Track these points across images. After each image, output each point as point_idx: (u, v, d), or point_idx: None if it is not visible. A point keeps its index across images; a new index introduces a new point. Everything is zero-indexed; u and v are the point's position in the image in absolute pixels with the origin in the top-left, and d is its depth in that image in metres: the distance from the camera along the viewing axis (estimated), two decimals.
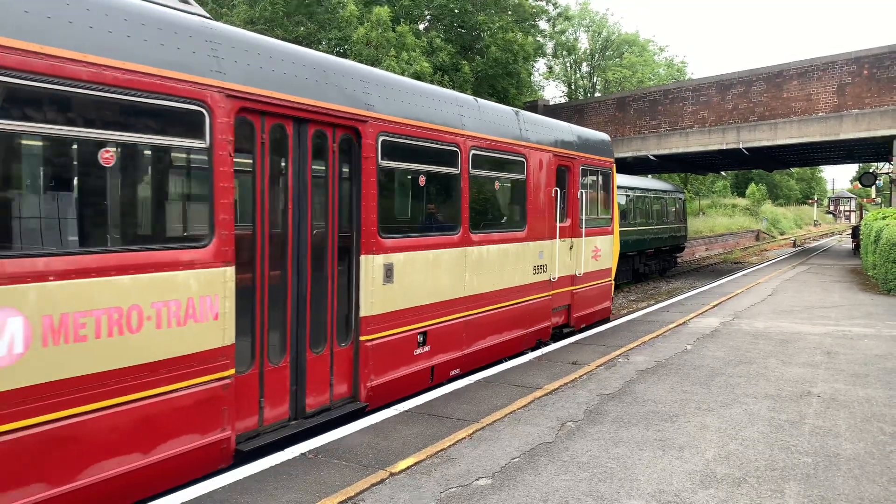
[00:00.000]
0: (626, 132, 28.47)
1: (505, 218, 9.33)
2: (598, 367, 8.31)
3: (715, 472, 4.93)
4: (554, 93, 67.40)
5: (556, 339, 10.33)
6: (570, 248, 10.64)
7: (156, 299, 4.53)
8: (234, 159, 5.07)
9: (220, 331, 4.96)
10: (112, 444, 4.30)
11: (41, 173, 4.46)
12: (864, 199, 55.35)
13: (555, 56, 48.17)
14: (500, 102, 21.77)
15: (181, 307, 4.70)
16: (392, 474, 4.87)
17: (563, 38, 46.30)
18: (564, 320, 10.74)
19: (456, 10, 29.32)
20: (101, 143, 4.32)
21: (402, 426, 5.98)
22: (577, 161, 10.75)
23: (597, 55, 54.04)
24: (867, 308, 13.56)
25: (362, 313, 6.40)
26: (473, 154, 8.07)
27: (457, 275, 7.80)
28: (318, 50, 12.22)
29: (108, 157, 4.35)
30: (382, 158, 6.58)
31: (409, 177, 7.39)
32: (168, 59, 4.63)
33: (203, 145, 4.90)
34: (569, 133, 10.79)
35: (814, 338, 10.28)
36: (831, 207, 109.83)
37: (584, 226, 10.95)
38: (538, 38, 34.44)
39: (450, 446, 5.46)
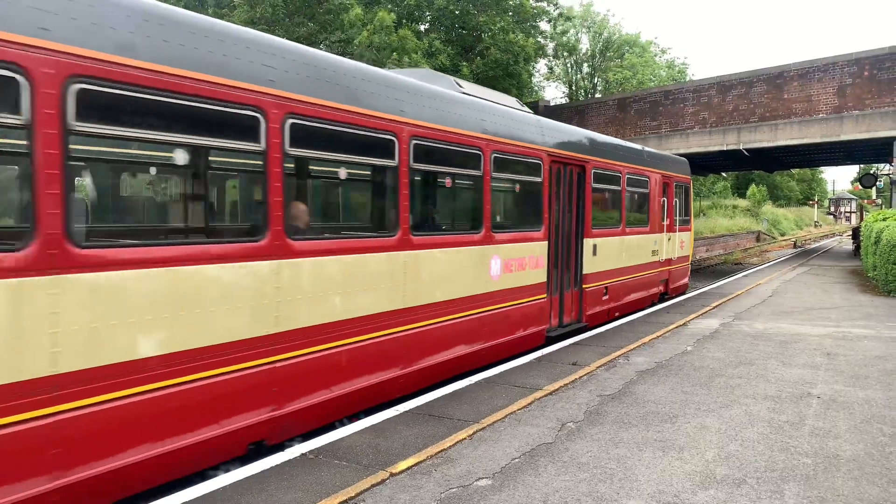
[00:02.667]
0: (627, 133, 28.48)
1: (639, 217, 13.66)
2: (598, 367, 8.32)
3: (715, 472, 4.94)
4: (554, 93, 67.33)
5: (661, 301, 15.03)
6: (669, 239, 15.28)
7: (529, 254, 9.18)
8: (549, 185, 9.67)
9: (544, 273, 9.62)
10: (507, 327, 8.82)
11: (518, 200, 9.88)
12: (865, 201, 55.29)
13: (555, 57, 48.13)
14: None
15: (533, 260, 9.32)
16: (392, 475, 4.88)
17: (564, 39, 46.30)
18: (664, 289, 15.35)
19: (457, 12, 29.32)
20: (513, 182, 9.39)
21: (402, 426, 5.99)
22: (672, 179, 15.37)
23: (597, 56, 54.01)
24: (867, 309, 13.57)
25: (584, 272, 11.00)
26: (628, 177, 12.66)
27: (619, 253, 12.41)
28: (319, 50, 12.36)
29: (518, 189, 9.59)
30: (594, 183, 11.12)
31: (601, 193, 11.77)
32: (531, 140, 9.28)
33: (539, 180, 9.50)
34: (669, 159, 15.87)
35: (814, 339, 10.29)
36: (832, 209, 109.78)
37: (676, 224, 15.74)
38: (539, 39, 34.42)
39: (450, 447, 5.47)
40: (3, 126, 3.91)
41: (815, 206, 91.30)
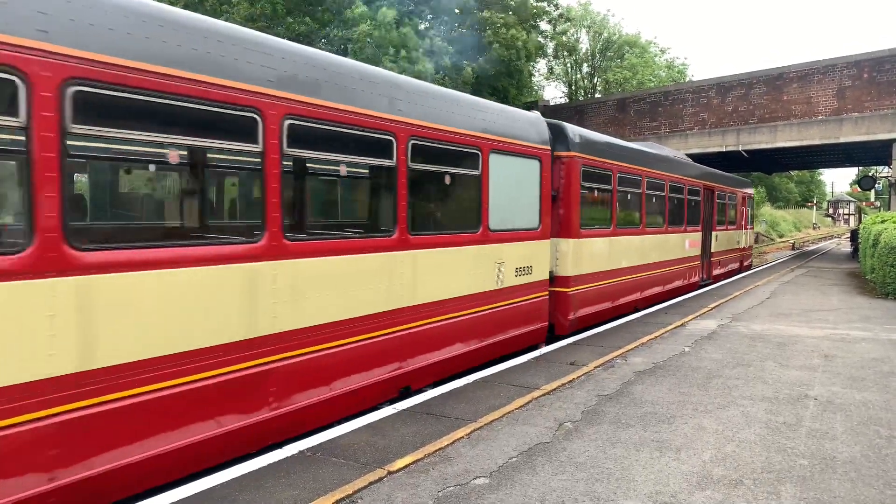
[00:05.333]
0: (626, 133, 28.49)
1: (732, 219, 21.87)
2: (596, 367, 8.33)
3: (712, 473, 4.95)
4: (554, 93, 67.21)
5: (738, 273, 22.93)
6: (744, 234, 23.78)
7: (696, 239, 17.71)
8: (703, 201, 18.23)
9: (698, 250, 17.81)
10: (688, 275, 17.14)
11: (694, 209, 17.67)
12: (863, 203, 55.34)
13: (555, 57, 48.02)
14: (500, 102, 21.78)
15: (697, 242, 17.82)
16: (390, 473, 4.89)
17: (564, 38, 46.22)
18: (740, 266, 23.52)
19: (456, 11, 29.26)
20: (693, 200, 17.26)
21: (400, 425, 6.00)
22: (746, 195, 23.67)
23: (597, 56, 53.97)
24: (865, 311, 13.60)
25: (711, 251, 19.17)
26: (727, 195, 20.56)
27: (724, 240, 20.66)
28: (318, 48, 12.28)
29: (694, 203, 17.46)
30: (716, 199, 19.34)
31: (718, 205, 19.52)
32: (697, 177, 17.76)
33: (699, 199, 17.69)
34: (744, 182, 23.89)
35: (811, 341, 10.31)
36: (830, 210, 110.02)
37: (748, 224, 24.47)
38: (539, 39, 34.37)
39: (448, 445, 5.48)
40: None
41: (814, 207, 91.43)
